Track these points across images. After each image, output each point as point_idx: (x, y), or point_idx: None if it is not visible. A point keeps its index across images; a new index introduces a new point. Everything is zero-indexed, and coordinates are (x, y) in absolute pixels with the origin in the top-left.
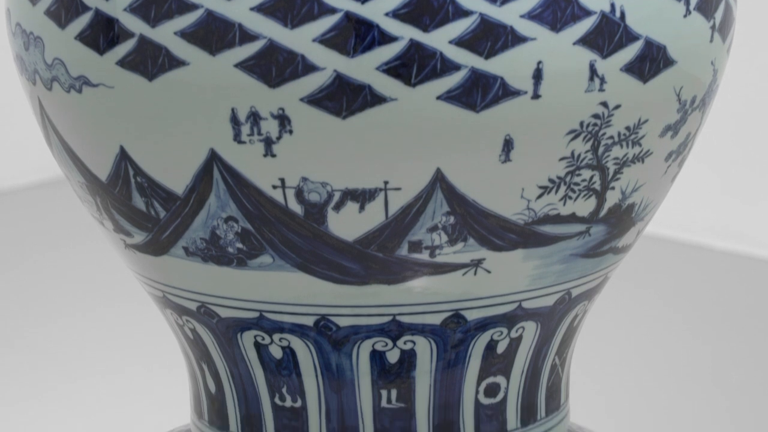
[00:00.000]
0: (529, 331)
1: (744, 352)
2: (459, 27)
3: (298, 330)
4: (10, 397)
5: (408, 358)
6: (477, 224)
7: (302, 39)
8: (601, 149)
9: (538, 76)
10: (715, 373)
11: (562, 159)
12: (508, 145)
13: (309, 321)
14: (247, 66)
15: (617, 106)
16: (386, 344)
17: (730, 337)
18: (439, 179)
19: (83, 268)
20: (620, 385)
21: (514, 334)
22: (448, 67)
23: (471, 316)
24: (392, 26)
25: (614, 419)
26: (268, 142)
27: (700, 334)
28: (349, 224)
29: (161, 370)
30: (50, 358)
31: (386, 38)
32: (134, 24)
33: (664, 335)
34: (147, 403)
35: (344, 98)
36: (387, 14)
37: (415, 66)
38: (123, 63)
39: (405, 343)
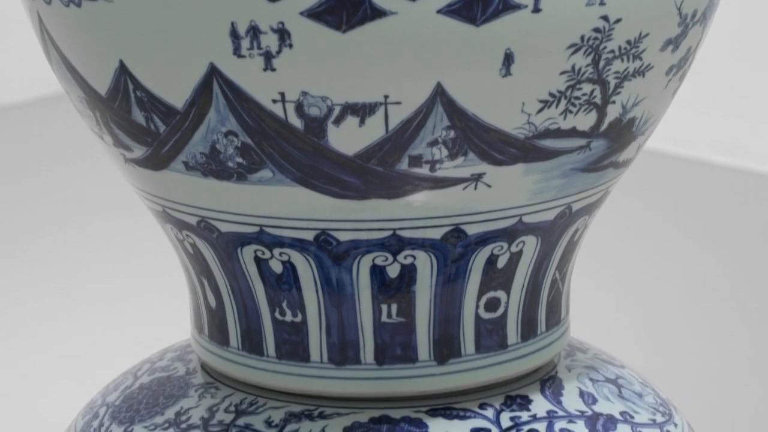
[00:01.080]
0: (530, 245)
1: (745, 268)
2: None
3: (298, 245)
4: (12, 313)
5: (408, 273)
6: (477, 138)
7: None
8: (601, 63)
9: None
10: (715, 289)
11: (562, 73)
12: (508, 59)
13: (309, 236)
14: None
15: (618, 20)
16: (386, 259)
17: (731, 253)
18: (439, 93)
19: (83, 183)
20: (621, 301)
21: (514, 249)
22: None
23: (471, 230)
24: None
25: (614, 334)
26: (268, 57)
27: (701, 249)
28: (349, 138)
29: (161, 286)
30: (50, 273)
31: None
32: None
33: (665, 251)
34: (147, 318)
35: (344, 12)
36: None
37: None
38: None
39: (405, 257)
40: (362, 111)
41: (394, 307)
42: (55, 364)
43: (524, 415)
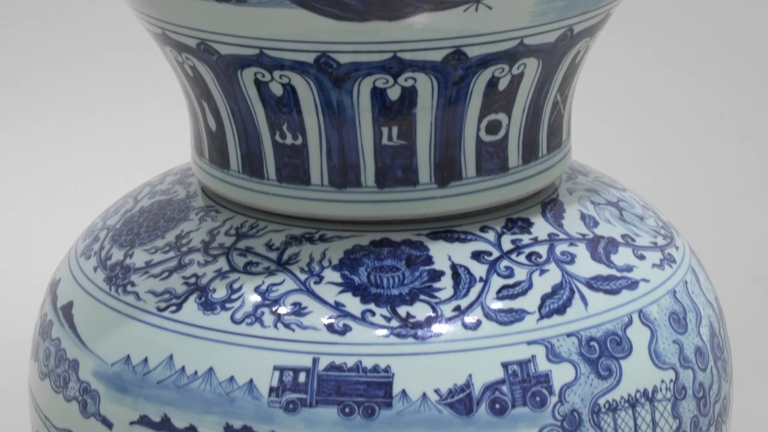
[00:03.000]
0: (531, 67)
1: (746, 90)
2: None
3: (299, 67)
4: (16, 137)
5: (409, 95)
6: None
7: None
8: None
9: None
10: (717, 110)
11: None
12: None
13: (309, 58)
14: None
15: None
16: (387, 81)
17: (733, 74)
18: None
19: (82, 7)
20: (622, 124)
21: (515, 71)
22: None
23: (472, 52)
24: None
25: (616, 157)
26: None
27: (703, 72)
28: None
29: (162, 110)
30: (52, 99)
31: None
32: None
33: (667, 73)
34: (147, 142)
35: None
36: None
37: None
38: None
39: (406, 80)
40: None
41: (394, 130)
42: (56, 189)
43: (525, 238)
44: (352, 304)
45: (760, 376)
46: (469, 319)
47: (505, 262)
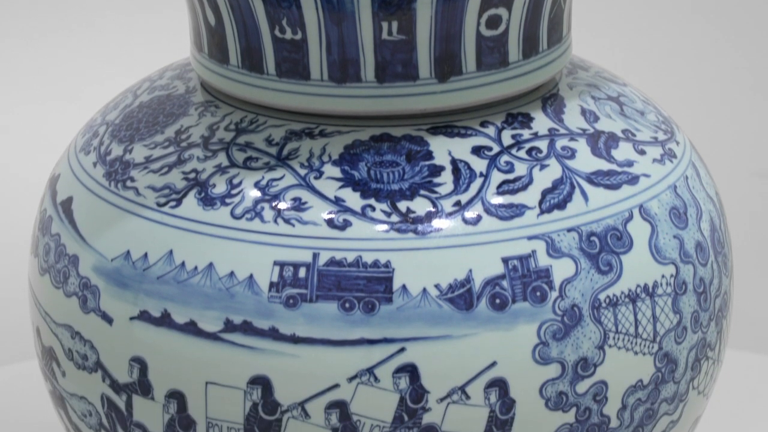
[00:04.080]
0: None
1: None
2: None
3: None
4: (16, 33)
5: None
6: None
7: None
8: None
9: None
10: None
11: None
12: None
13: None
14: None
15: None
16: None
17: None
18: None
19: None
20: (622, 18)
21: None
22: None
23: None
24: None
25: (616, 52)
26: None
27: None
28: None
29: (161, 5)
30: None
31: None
32: None
33: None
34: (147, 37)
35: None
36: None
37: None
38: None
39: None
40: None
41: (394, 25)
42: (55, 86)
43: (525, 133)
44: (352, 199)
45: (760, 272)
46: (470, 214)
47: (505, 157)
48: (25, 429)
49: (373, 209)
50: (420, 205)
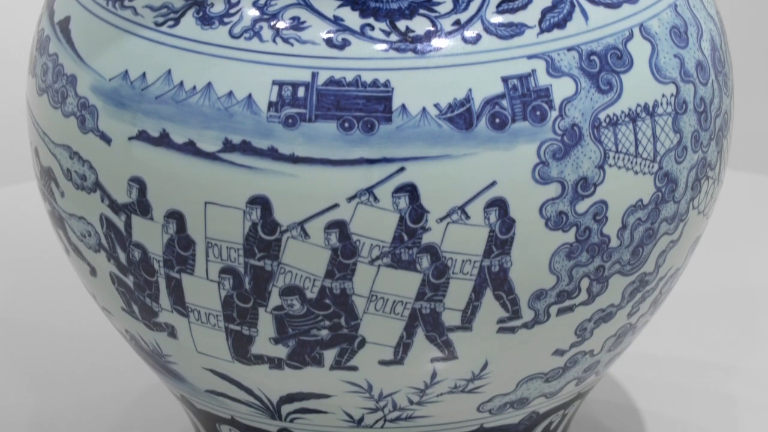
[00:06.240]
0: None
1: None
2: None
3: None
4: None
5: None
6: None
7: None
8: None
9: None
10: None
11: None
12: None
13: None
14: None
15: None
16: None
17: None
18: None
19: None
20: None
21: None
22: None
23: None
24: None
25: None
26: None
27: None
28: None
29: None
30: None
31: None
32: None
33: None
34: None
35: None
36: None
37: None
38: None
39: None
40: None
41: None
42: None
43: None
44: (351, 18)
45: (760, 91)
46: (469, 33)
47: None
48: (25, 250)
49: (372, 28)
50: (419, 24)
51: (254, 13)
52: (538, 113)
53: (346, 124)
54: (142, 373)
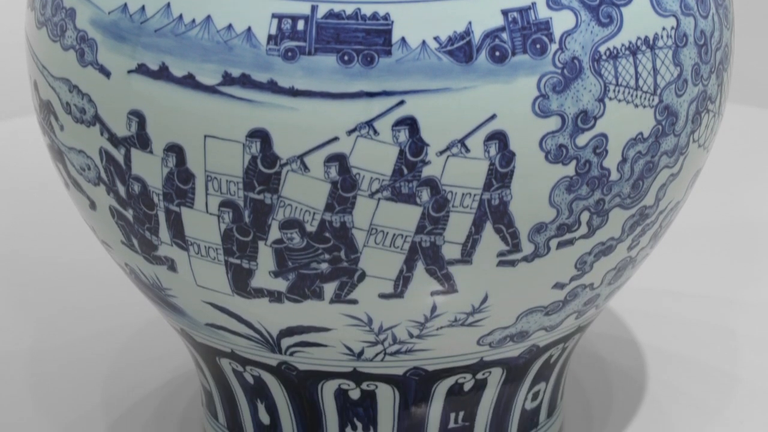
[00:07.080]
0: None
1: None
2: None
3: None
4: None
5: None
6: None
7: None
8: None
9: None
10: None
11: None
12: None
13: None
14: None
15: None
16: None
17: None
18: None
19: None
20: None
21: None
22: None
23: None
24: None
25: None
26: None
27: None
28: None
29: None
30: None
31: None
32: None
33: None
34: None
35: None
36: None
37: None
38: None
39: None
40: None
41: None
42: None
43: None
44: None
45: (762, 25)
46: None
47: None
48: (25, 183)
49: None
50: None
51: None
52: (538, 46)
53: (346, 57)
54: (142, 306)
